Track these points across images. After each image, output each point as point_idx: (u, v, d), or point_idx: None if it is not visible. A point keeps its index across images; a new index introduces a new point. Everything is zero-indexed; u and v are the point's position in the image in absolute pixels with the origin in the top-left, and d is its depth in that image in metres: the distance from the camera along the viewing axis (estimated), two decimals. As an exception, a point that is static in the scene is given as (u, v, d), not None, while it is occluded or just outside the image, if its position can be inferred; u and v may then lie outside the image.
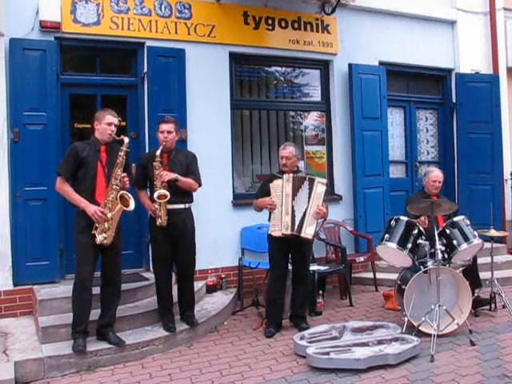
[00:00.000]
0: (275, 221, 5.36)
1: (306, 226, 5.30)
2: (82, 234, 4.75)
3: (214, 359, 4.89)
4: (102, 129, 4.86)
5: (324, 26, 7.65)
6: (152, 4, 6.54)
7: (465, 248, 5.40)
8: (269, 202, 5.37)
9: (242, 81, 7.49)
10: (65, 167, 4.80)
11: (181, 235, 5.28)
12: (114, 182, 4.74)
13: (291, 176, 5.38)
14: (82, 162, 4.77)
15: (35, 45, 5.88)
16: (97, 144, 4.87)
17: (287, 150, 5.52)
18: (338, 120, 7.79)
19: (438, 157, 8.95)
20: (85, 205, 4.68)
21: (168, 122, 5.32)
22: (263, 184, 5.74)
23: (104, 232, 4.71)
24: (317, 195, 5.34)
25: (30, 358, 4.56)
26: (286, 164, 5.49)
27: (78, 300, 4.76)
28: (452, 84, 8.74)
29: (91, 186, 4.77)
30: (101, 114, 4.92)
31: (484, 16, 8.91)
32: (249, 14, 7.14)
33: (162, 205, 5.09)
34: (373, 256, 7.07)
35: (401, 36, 8.22)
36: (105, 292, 4.97)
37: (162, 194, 5.04)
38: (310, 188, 5.35)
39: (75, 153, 4.77)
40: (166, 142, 5.22)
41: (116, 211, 4.75)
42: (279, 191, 5.35)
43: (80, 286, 4.74)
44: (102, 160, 4.84)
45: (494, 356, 4.69)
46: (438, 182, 6.05)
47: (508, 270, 7.61)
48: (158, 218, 5.12)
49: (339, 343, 4.86)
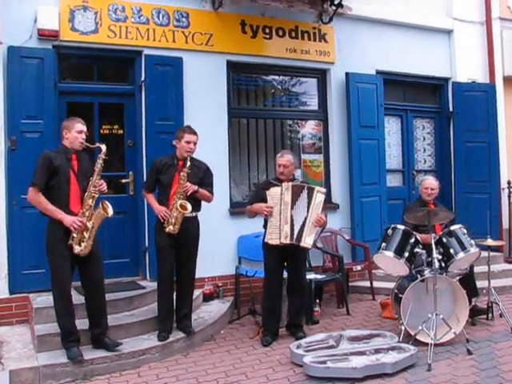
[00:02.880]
0: (272, 229, 5.34)
1: (306, 235, 5.29)
2: (57, 244, 4.67)
3: (211, 368, 4.87)
4: (72, 137, 4.78)
5: (321, 35, 7.69)
6: (150, 13, 6.56)
7: (462, 257, 5.40)
8: (265, 208, 5.34)
9: (240, 89, 7.51)
10: (39, 177, 4.64)
11: (187, 242, 5.31)
12: (93, 189, 4.68)
13: (290, 185, 5.37)
14: (55, 170, 4.67)
15: (33, 53, 5.89)
16: (68, 152, 4.79)
17: (285, 158, 5.51)
18: (335, 129, 7.81)
19: (434, 165, 8.97)
20: (62, 216, 4.61)
21: (195, 134, 5.35)
22: (258, 190, 5.72)
23: (82, 241, 4.65)
24: (316, 205, 5.33)
25: (26, 367, 4.53)
26: (283, 172, 5.48)
27: (62, 312, 4.70)
28: (449, 93, 8.77)
29: (66, 196, 4.69)
30: (70, 123, 4.84)
31: (480, 25, 8.97)
32: (246, 22, 7.16)
33: (180, 215, 5.12)
34: (370, 265, 7.07)
35: (398, 45, 8.25)
36: (91, 302, 4.90)
37: (184, 206, 5.09)
38: (309, 197, 5.34)
39: (48, 161, 4.66)
40: (191, 152, 5.26)
41: (95, 219, 4.69)
42: (276, 199, 5.33)
43: (61, 298, 4.68)
44: (74, 168, 4.78)
45: (491, 365, 4.68)
46: (430, 190, 6.07)
47: (505, 278, 7.61)
48: (170, 225, 5.15)
49: (336, 352, 4.84)
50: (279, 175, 5.54)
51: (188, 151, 5.25)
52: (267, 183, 5.66)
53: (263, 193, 5.43)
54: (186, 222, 5.24)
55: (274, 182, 5.55)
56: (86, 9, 6.23)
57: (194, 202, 5.30)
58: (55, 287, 4.72)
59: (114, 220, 4.93)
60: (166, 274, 5.30)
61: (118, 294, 5.62)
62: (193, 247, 5.40)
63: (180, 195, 5.14)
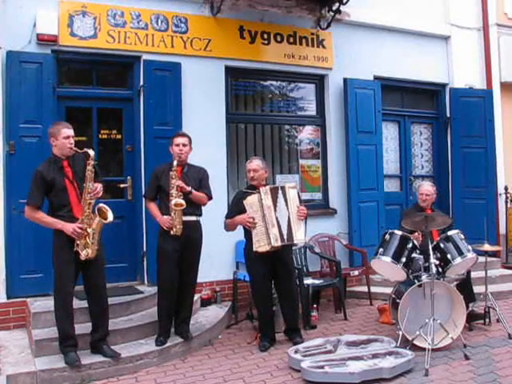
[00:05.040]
0: (259, 236, 5.33)
1: (296, 231, 5.32)
2: (61, 249, 4.67)
3: (209, 373, 4.87)
4: (60, 144, 4.71)
5: (319, 41, 7.72)
6: (148, 18, 6.58)
7: (459, 262, 5.42)
8: (248, 220, 5.35)
9: (238, 94, 7.53)
10: (33, 196, 4.64)
11: (190, 247, 5.31)
12: (87, 196, 4.65)
13: (268, 188, 5.41)
14: (50, 184, 4.66)
15: (32, 58, 5.90)
16: (58, 161, 4.74)
17: (254, 162, 5.59)
18: (333, 134, 7.83)
19: (432, 171, 9.00)
20: (61, 225, 4.61)
21: (183, 136, 5.42)
22: (235, 202, 5.68)
23: (87, 247, 4.65)
24: (292, 200, 5.39)
25: (23, 372, 4.52)
26: (253, 177, 5.55)
27: (62, 316, 4.70)
28: (446, 98, 8.81)
29: (67, 203, 4.70)
30: (55, 129, 4.74)
31: (477, 31, 9.02)
32: (244, 28, 7.19)
33: (177, 213, 5.15)
34: (367, 270, 7.08)
35: (395, 51, 8.29)
36: (93, 307, 4.91)
37: (178, 202, 5.10)
38: (284, 195, 5.39)
39: (41, 178, 4.63)
40: (182, 154, 5.29)
41: (95, 224, 4.68)
42: (256, 206, 5.35)
43: (63, 302, 4.69)
44: (69, 175, 4.74)
45: (489, 370, 4.68)
46: (425, 196, 6.11)
47: (502, 284, 7.63)
48: (173, 227, 5.17)
49: (334, 357, 4.85)
50: (250, 181, 5.61)
51: (178, 153, 5.29)
52: (242, 193, 5.64)
53: (241, 204, 5.44)
54: (190, 226, 5.26)
55: (249, 190, 5.57)
56: (85, 14, 6.24)
57: (195, 206, 5.33)
58: (57, 291, 4.73)
59: (112, 225, 4.92)
60: (169, 279, 5.29)
61: (115, 299, 5.60)
62: (195, 252, 5.41)
63: (173, 194, 5.14)
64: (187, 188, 5.18)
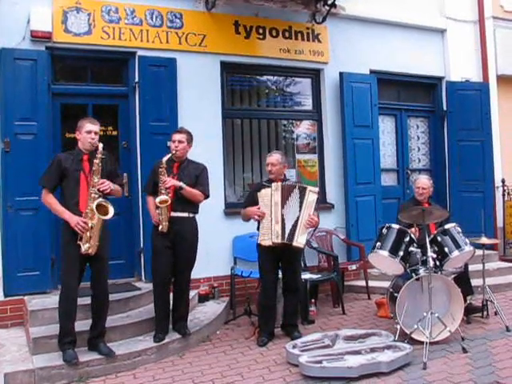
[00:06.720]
0: (265, 230, 5.36)
1: (298, 234, 5.30)
2: (68, 244, 4.71)
3: (207, 369, 4.87)
4: (82, 138, 4.81)
5: (315, 35, 7.69)
6: (143, 14, 6.56)
7: (456, 255, 5.41)
8: (256, 212, 5.39)
9: (234, 90, 7.51)
10: (47, 179, 4.78)
11: (182, 243, 5.29)
12: (92, 190, 4.67)
13: (280, 184, 5.40)
14: (65, 172, 4.73)
15: (26, 54, 5.88)
16: (79, 154, 4.82)
17: (273, 156, 5.59)
18: (330, 128, 7.82)
19: (429, 164, 8.99)
20: (68, 216, 4.65)
21: (180, 132, 5.42)
22: (251, 193, 5.76)
23: (88, 242, 4.66)
24: (308, 204, 5.36)
25: (21, 370, 4.52)
26: (271, 171, 5.54)
27: (64, 311, 4.72)
28: (442, 92, 8.80)
29: (75, 197, 4.73)
30: (80, 123, 4.86)
31: (474, 24, 9.00)
32: (240, 23, 7.17)
33: (163, 210, 5.14)
34: (365, 264, 7.08)
35: (391, 45, 8.27)
36: (94, 302, 4.92)
37: (163, 199, 5.10)
38: (301, 196, 5.37)
39: (57, 162, 4.74)
40: (177, 150, 5.29)
41: (96, 220, 4.68)
42: (267, 200, 5.36)
43: (66, 297, 4.71)
44: (85, 169, 4.78)
45: (487, 363, 4.69)
46: (421, 189, 6.10)
47: (499, 276, 7.64)
48: (160, 225, 5.17)
49: (332, 351, 4.84)
50: (269, 174, 5.61)
51: (173, 149, 5.30)
52: (259, 185, 5.70)
53: (256, 195, 5.46)
54: (180, 222, 5.25)
55: (266, 183, 5.58)
56: (79, 10, 6.22)
57: (187, 202, 5.30)
58: (62, 285, 4.77)
59: (110, 221, 4.91)
60: (161, 276, 5.30)
61: (113, 296, 5.56)
62: (187, 249, 5.36)
63: (162, 190, 5.14)
64: (177, 183, 5.16)
